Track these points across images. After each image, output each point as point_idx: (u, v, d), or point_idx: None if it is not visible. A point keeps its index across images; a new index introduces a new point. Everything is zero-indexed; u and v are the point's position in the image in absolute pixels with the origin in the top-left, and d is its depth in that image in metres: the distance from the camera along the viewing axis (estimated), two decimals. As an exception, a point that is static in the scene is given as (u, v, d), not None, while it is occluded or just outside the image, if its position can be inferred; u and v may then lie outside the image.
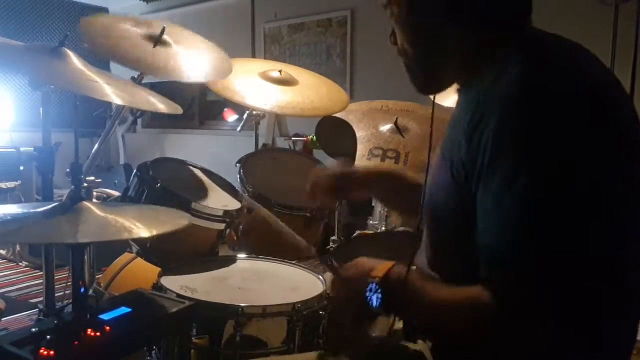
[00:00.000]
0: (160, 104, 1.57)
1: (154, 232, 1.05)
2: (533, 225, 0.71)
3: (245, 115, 2.35)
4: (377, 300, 0.84)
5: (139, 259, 1.74)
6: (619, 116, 0.77)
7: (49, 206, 1.09)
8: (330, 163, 1.37)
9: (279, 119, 5.08)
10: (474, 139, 0.77)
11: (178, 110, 1.60)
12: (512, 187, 0.72)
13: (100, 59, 1.75)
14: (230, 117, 4.43)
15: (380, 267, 0.87)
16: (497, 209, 0.74)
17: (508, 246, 0.73)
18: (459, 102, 0.92)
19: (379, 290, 0.84)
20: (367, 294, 0.85)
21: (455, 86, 0.96)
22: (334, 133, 1.84)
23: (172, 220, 1.15)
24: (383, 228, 2.53)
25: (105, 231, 1.02)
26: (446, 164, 0.85)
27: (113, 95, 1.37)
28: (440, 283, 0.84)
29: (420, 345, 0.99)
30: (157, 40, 1.84)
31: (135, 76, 1.91)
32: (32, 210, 1.11)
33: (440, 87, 0.96)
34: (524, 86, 0.74)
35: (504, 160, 0.73)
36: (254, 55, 5.25)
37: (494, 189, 0.74)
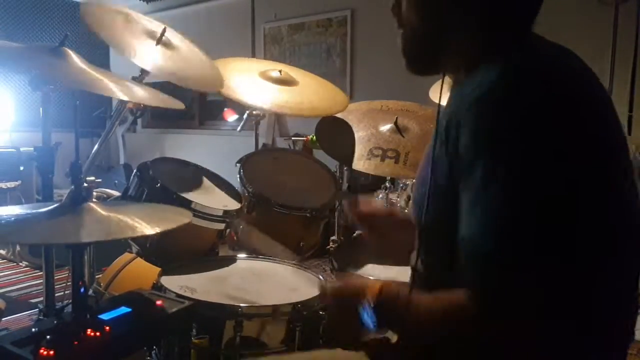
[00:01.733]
0: (162, 100, 1.57)
1: (157, 230, 1.05)
2: (510, 224, 0.72)
3: (245, 115, 2.35)
4: (372, 324, 0.85)
5: (139, 259, 1.74)
6: (597, 118, 0.78)
7: (50, 207, 1.09)
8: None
9: (279, 119, 5.08)
10: (453, 136, 0.78)
11: (180, 105, 1.60)
12: (488, 185, 0.73)
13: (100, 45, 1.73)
14: (230, 117, 4.43)
15: (370, 288, 0.87)
16: (475, 208, 0.75)
17: (485, 246, 0.73)
18: (449, 99, 0.93)
19: (373, 312, 0.84)
20: (362, 315, 0.86)
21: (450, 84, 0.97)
22: (333, 133, 1.84)
23: (174, 218, 1.15)
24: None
25: (108, 230, 1.02)
26: (435, 159, 0.86)
27: (118, 91, 1.37)
28: (422, 293, 0.84)
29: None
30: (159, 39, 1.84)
31: (136, 76, 1.92)
32: (33, 211, 1.11)
33: (431, 69, 0.97)
34: (500, 88, 0.75)
35: (479, 160, 0.74)
36: (254, 55, 5.25)
37: (472, 189, 0.75)
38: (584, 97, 0.78)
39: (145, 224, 1.04)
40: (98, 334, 0.98)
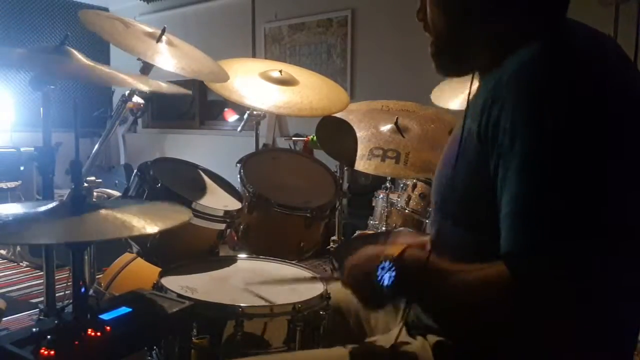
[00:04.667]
0: (171, 87, 1.58)
1: (157, 228, 1.04)
2: (550, 207, 0.72)
3: (245, 116, 2.35)
4: (389, 279, 0.84)
5: (139, 259, 1.74)
6: (634, 104, 0.77)
7: (50, 205, 1.09)
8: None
9: (279, 119, 5.08)
10: (492, 115, 0.78)
11: (187, 91, 1.60)
12: (529, 167, 0.73)
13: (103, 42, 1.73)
14: (231, 117, 4.44)
15: (394, 247, 0.87)
16: (516, 189, 0.75)
17: (526, 228, 0.74)
18: (479, 87, 0.93)
19: (393, 268, 0.84)
20: (379, 272, 0.85)
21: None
22: (334, 133, 1.84)
23: (174, 216, 1.14)
24: (383, 228, 2.53)
25: (106, 229, 1.01)
26: (462, 139, 0.86)
27: (131, 81, 1.36)
28: (457, 263, 0.83)
29: (420, 343, 0.99)
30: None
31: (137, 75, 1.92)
32: (32, 211, 1.11)
33: (462, 69, 0.97)
34: (543, 67, 0.75)
35: (520, 142, 0.74)
36: (254, 56, 5.25)
37: (513, 169, 0.75)
38: (621, 79, 0.78)
39: (144, 223, 1.04)
40: (98, 334, 0.98)
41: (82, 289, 1.02)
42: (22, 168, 4.14)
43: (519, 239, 0.74)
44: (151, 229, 1.04)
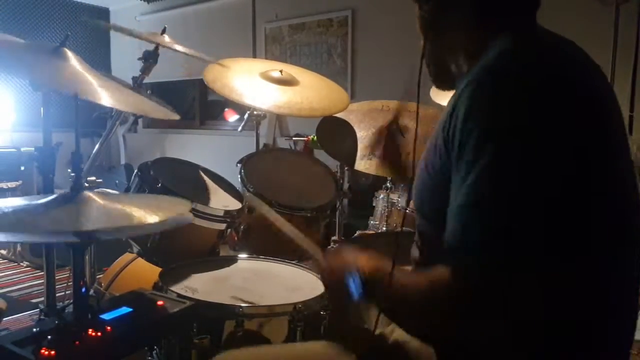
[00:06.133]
0: (153, 109, 1.56)
1: (159, 219, 1.03)
2: (490, 211, 0.71)
3: (246, 116, 2.35)
4: (357, 292, 0.87)
5: (139, 259, 1.74)
6: (590, 111, 0.77)
7: (51, 197, 1.08)
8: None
9: (280, 119, 5.08)
10: (451, 123, 0.79)
11: (174, 116, 1.60)
12: (471, 172, 0.73)
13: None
14: (231, 117, 4.43)
15: (365, 260, 0.90)
16: (459, 192, 0.75)
17: (464, 231, 0.73)
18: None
19: (361, 284, 0.87)
20: (350, 284, 0.88)
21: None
22: (334, 133, 1.84)
23: (174, 208, 1.14)
24: (383, 228, 2.53)
25: (108, 220, 1.01)
26: (436, 148, 0.86)
27: (107, 98, 1.35)
28: (406, 270, 0.87)
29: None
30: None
31: (137, 76, 1.92)
32: (33, 202, 1.09)
33: (451, 80, 0.99)
34: (493, 72, 0.76)
35: (467, 146, 0.74)
36: (254, 56, 5.25)
37: (458, 175, 0.75)
38: (579, 86, 0.77)
39: (145, 214, 1.03)
40: (99, 334, 0.98)
41: (83, 289, 1.02)
42: (22, 168, 4.15)
43: (457, 238, 0.75)
44: (152, 218, 1.03)
